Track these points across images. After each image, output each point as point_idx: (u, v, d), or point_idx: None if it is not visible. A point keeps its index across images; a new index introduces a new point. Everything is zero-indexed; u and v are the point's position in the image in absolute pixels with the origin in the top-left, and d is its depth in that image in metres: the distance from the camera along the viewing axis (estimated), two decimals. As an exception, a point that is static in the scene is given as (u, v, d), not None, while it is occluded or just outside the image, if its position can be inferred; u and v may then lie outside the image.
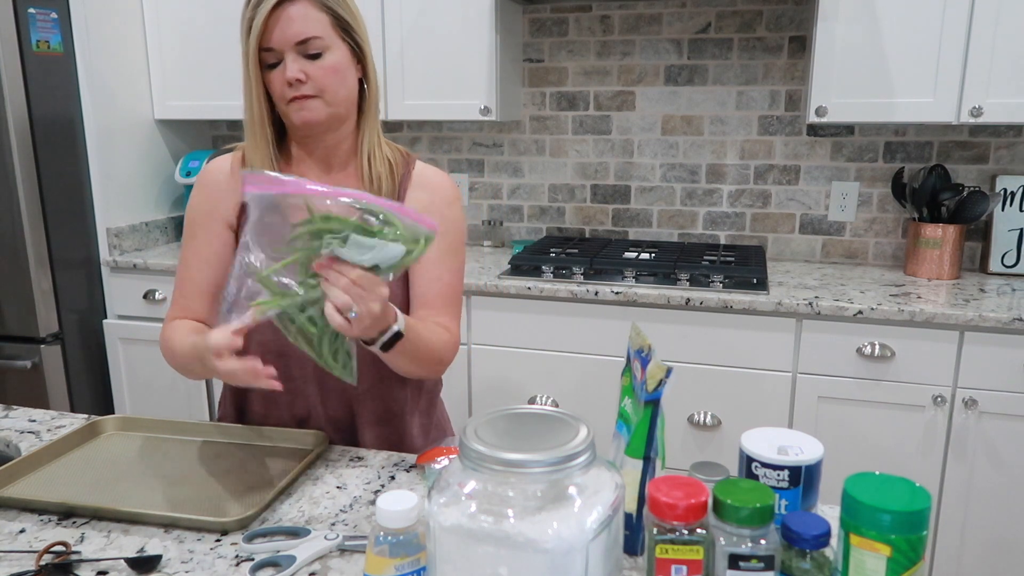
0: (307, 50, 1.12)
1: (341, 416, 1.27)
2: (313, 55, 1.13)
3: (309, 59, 1.13)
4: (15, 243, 2.32)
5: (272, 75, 1.14)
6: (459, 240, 1.27)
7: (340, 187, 0.94)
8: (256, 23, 1.10)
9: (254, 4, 1.12)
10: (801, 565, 0.71)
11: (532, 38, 2.66)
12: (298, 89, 1.13)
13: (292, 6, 1.11)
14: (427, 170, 1.28)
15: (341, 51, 1.15)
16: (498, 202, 2.81)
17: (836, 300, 1.99)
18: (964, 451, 1.95)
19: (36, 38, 2.29)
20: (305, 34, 1.11)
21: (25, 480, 1.06)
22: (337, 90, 1.15)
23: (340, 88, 1.16)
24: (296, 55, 1.12)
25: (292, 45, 1.12)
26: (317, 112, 1.15)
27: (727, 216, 2.60)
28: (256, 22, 1.10)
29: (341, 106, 1.17)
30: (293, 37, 1.11)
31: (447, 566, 0.69)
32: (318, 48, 1.13)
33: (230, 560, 0.88)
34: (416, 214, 0.94)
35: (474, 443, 0.68)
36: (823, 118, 2.15)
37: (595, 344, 2.18)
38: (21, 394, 2.43)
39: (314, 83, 1.13)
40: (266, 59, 1.14)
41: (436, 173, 1.28)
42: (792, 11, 2.42)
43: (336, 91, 1.15)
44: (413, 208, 0.97)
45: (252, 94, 1.16)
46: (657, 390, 0.82)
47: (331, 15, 1.14)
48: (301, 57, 1.12)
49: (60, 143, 2.41)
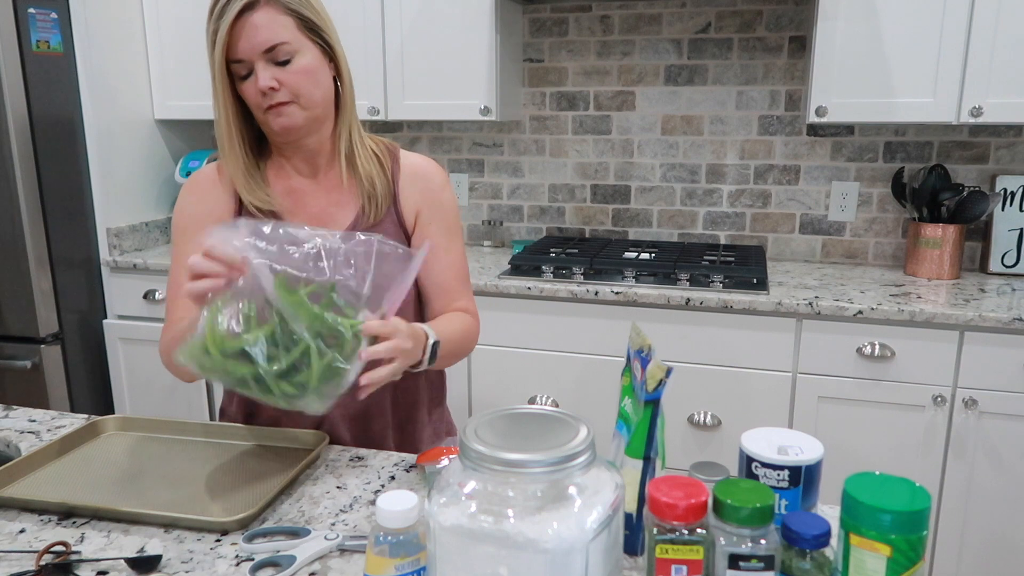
0: (276, 57, 1.11)
1: (357, 418, 1.27)
2: (283, 61, 1.11)
3: (279, 66, 1.11)
4: (15, 243, 2.32)
5: (245, 85, 1.13)
6: (457, 222, 1.30)
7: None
8: (220, 35, 1.09)
9: (216, 16, 1.09)
10: (801, 565, 0.71)
11: (532, 38, 2.66)
12: (272, 97, 1.12)
13: (255, 14, 1.09)
14: (414, 159, 1.28)
15: (311, 52, 1.14)
16: (498, 202, 2.81)
17: (836, 300, 1.99)
18: (964, 451, 1.95)
19: (36, 38, 2.29)
20: (272, 41, 1.10)
21: (25, 480, 1.06)
22: (312, 93, 1.14)
23: (315, 90, 1.15)
24: (266, 63, 1.11)
25: (260, 54, 1.10)
26: (295, 117, 1.14)
27: (727, 216, 2.60)
28: (220, 34, 1.09)
29: (318, 108, 1.16)
30: (260, 46, 1.09)
31: (447, 566, 0.69)
32: (287, 53, 1.11)
33: (230, 560, 0.88)
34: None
35: (474, 443, 0.68)
36: (823, 118, 2.15)
37: (595, 344, 2.18)
38: (21, 394, 2.43)
39: (288, 89, 1.12)
40: (237, 71, 1.12)
41: (423, 160, 1.29)
42: (792, 11, 2.42)
43: (311, 94, 1.14)
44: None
45: (221, 107, 1.15)
46: (657, 390, 0.82)
47: (296, 17, 1.12)
48: (271, 64, 1.11)
49: (60, 143, 2.41)
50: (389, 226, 1.24)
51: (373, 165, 1.23)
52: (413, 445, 1.32)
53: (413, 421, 1.32)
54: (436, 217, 1.26)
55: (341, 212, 1.23)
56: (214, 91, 1.14)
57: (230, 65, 1.12)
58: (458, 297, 1.28)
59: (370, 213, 1.22)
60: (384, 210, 1.23)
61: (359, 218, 1.22)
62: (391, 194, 1.24)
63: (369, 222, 1.22)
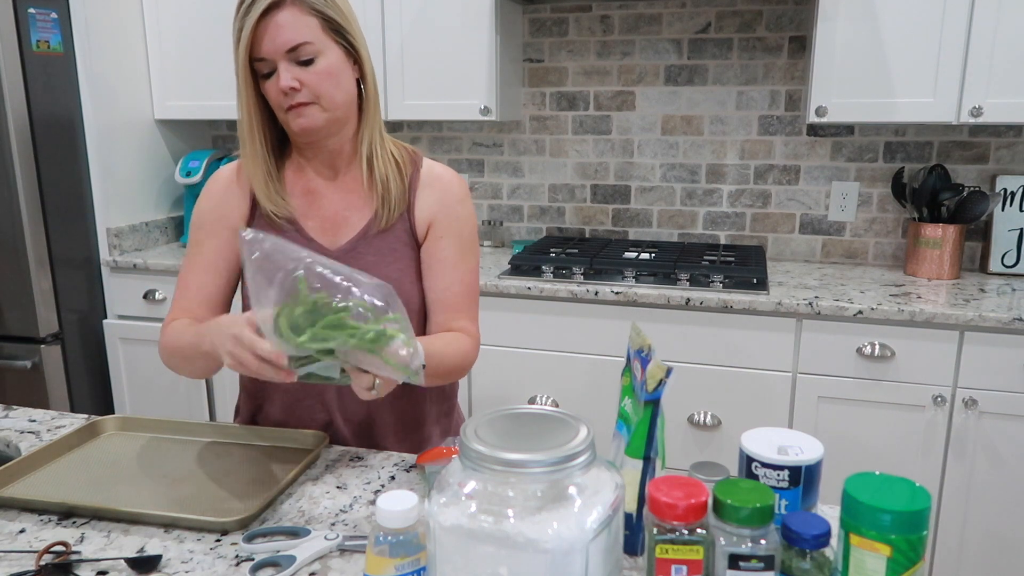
0: (299, 56, 1.10)
1: (361, 424, 1.26)
2: (305, 61, 1.11)
3: (301, 65, 1.11)
4: (15, 243, 2.32)
5: (268, 84, 1.13)
6: (473, 238, 1.27)
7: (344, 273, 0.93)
8: (245, 33, 1.09)
9: (242, 14, 1.09)
10: (801, 565, 0.71)
11: (532, 38, 2.66)
12: (293, 97, 1.11)
13: (279, 13, 1.09)
14: (435, 168, 1.27)
15: (335, 54, 1.13)
16: (498, 202, 2.81)
17: (836, 300, 1.99)
18: (964, 451, 1.95)
19: (36, 38, 2.29)
20: (295, 41, 1.09)
21: (25, 480, 1.06)
22: (333, 94, 1.14)
23: (336, 92, 1.14)
24: (288, 63, 1.10)
25: (283, 53, 1.10)
26: (315, 118, 1.14)
27: (727, 216, 2.60)
28: (244, 32, 1.09)
29: (339, 110, 1.16)
30: (283, 45, 1.09)
31: (447, 566, 0.69)
32: (310, 54, 1.11)
33: (230, 560, 0.88)
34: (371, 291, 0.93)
35: (474, 443, 0.68)
36: (823, 118, 2.15)
37: (595, 344, 2.18)
38: (21, 394, 2.43)
39: (309, 90, 1.12)
40: (260, 69, 1.12)
41: (445, 170, 1.27)
42: (792, 11, 2.42)
43: (332, 95, 1.14)
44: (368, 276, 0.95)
45: (244, 105, 1.15)
46: (657, 390, 0.82)
47: (320, 18, 1.12)
48: (293, 64, 1.11)
49: (60, 143, 2.41)
50: (400, 232, 1.22)
51: (391, 169, 1.22)
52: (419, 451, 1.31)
53: (419, 430, 1.31)
54: (450, 230, 1.24)
55: (356, 215, 1.22)
56: (238, 89, 1.14)
57: (253, 63, 1.12)
58: (460, 316, 1.24)
59: (383, 217, 1.21)
60: (397, 215, 1.22)
61: (372, 222, 1.22)
62: (406, 200, 1.23)
63: (381, 226, 1.21)
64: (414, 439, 1.30)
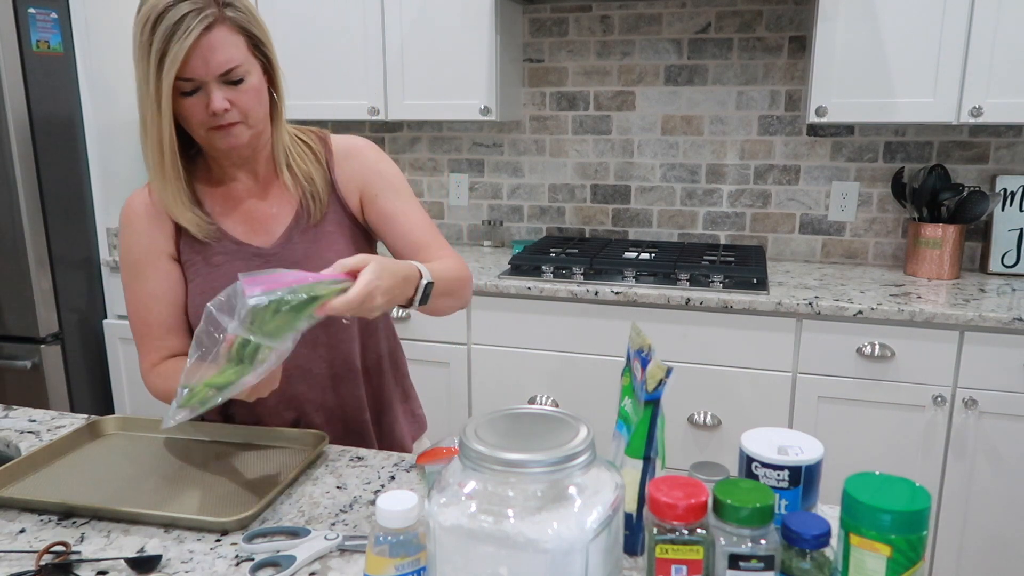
0: (230, 77, 1.08)
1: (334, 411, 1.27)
2: (236, 81, 1.09)
3: (231, 85, 1.09)
4: (15, 243, 2.32)
5: (188, 102, 1.09)
6: (403, 184, 1.28)
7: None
8: (174, 55, 1.03)
9: (165, 35, 1.02)
10: (801, 565, 0.71)
11: (532, 38, 2.66)
12: (223, 117, 1.09)
13: (211, 33, 1.05)
14: (342, 141, 1.27)
15: (257, 72, 1.12)
16: (498, 202, 2.81)
17: (836, 300, 1.99)
18: (964, 451, 1.95)
19: (36, 38, 2.29)
20: (230, 63, 1.07)
21: (25, 480, 1.06)
22: (259, 111, 1.13)
23: (260, 108, 1.14)
24: (219, 84, 1.08)
25: (215, 76, 1.07)
26: (241, 137, 1.13)
27: (727, 216, 2.60)
28: (174, 54, 1.03)
29: (261, 123, 1.15)
30: (217, 68, 1.06)
31: (447, 566, 0.69)
32: (241, 75, 1.09)
33: (230, 560, 0.88)
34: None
35: (474, 443, 0.68)
36: (823, 118, 2.15)
37: (595, 344, 2.18)
38: (21, 394, 2.43)
39: (239, 109, 1.10)
40: (180, 87, 1.08)
41: (353, 139, 1.28)
42: (792, 11, 2.42)
43: (258, 112, 1.13)
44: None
45: (158, 128, 1.09)
46: (657, 390, 0.82)
47: (246, 35, 1.10)
48: (224, 84, 1.08)
49: (60, 143, 2.41)
50: (331, 215, 1.23)
51: (309, 161, 1.22)
52: (392, 436, 1.34)
53: (388, 413, 1.34)
54: (382, 188, 1.25)
55: (282, 209, 1.22)
56: (151, 112, 1.08)
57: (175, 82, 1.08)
58: (436, 248, 1.25)
59: (314, 211, 1.21)
60: (327, 204, 1.23)
61: (299, 216, 1.22)
62: (329, 183, 1.23)
63: (317, 218, 1.22)
64: (387, 427, 1.33)
